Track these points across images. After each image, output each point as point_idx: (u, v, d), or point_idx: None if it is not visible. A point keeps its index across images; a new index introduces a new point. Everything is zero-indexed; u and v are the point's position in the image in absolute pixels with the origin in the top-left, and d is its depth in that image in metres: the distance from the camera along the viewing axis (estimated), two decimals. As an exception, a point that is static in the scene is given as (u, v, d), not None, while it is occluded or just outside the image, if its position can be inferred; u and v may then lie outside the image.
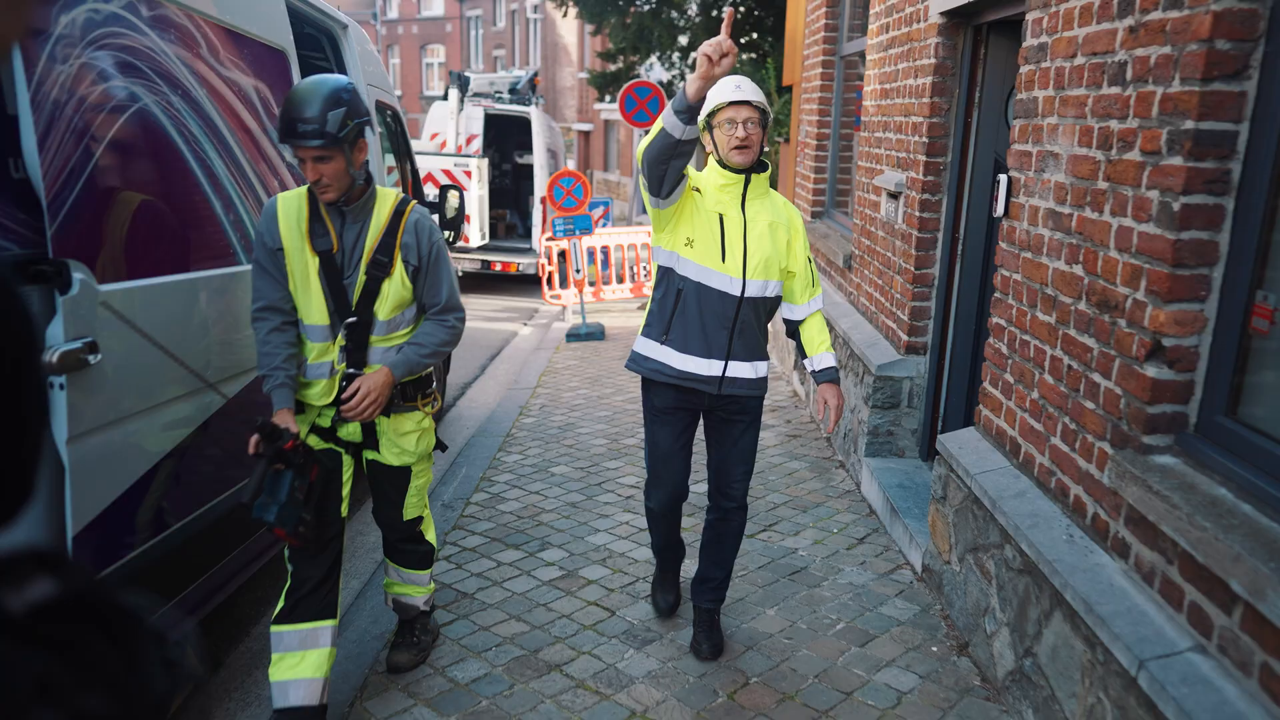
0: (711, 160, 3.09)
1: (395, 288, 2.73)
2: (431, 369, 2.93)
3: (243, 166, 3.01)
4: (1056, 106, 3.06)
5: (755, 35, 16.08)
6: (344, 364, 2.74)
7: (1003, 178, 3.51)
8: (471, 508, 4.84)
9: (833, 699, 3.08)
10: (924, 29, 4.60)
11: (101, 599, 0.65)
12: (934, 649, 3.40)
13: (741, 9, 16.23)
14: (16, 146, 2.07)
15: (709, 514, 3.38)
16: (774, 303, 3.18)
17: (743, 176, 3.04)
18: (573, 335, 9.55)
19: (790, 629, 3.54)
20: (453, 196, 6.11)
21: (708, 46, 2.47)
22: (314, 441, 2.82)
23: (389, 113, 5.57)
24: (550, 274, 10.98)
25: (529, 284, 13.74)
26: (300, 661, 2.75)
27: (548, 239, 10.70)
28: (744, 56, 16.00)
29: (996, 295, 3.54)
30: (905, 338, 4.84)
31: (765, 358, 3.20)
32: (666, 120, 2.66)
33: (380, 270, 2.70)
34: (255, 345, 2.70)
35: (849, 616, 3.64)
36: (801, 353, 3.29)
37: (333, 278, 2.68)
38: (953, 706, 3.04)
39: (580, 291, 10.18)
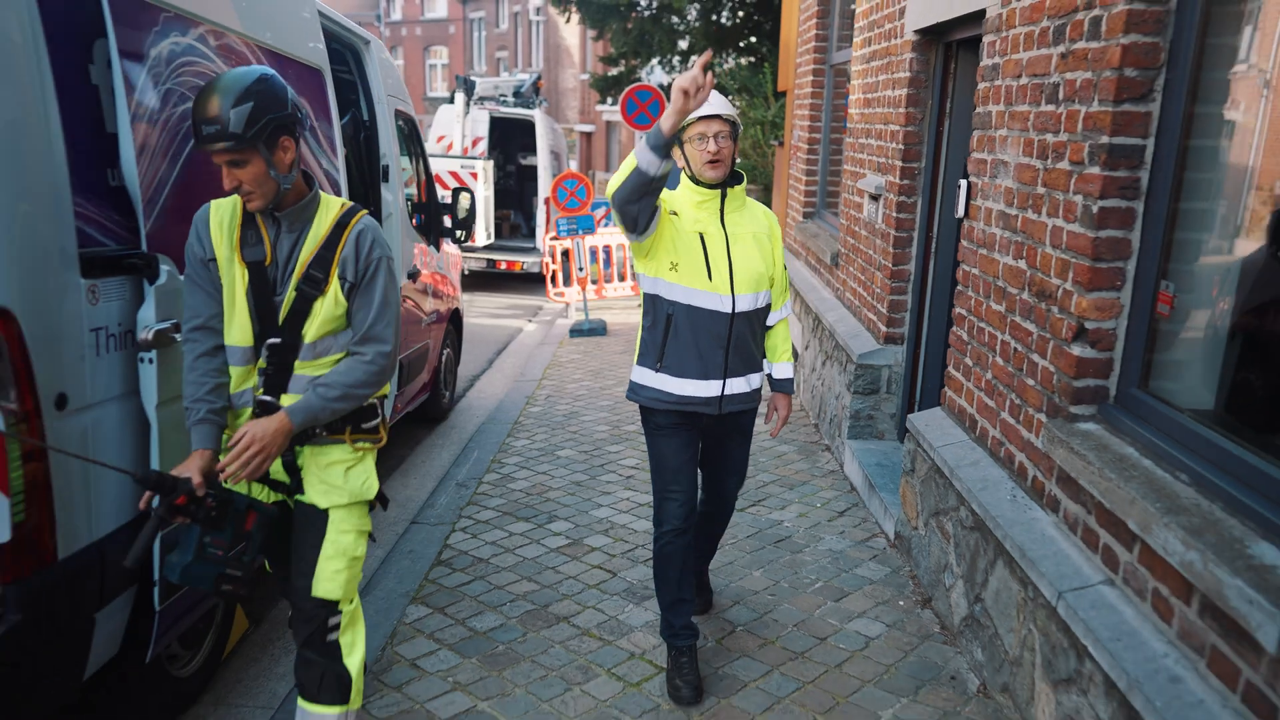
0: (684, 178, 3.08)
1: (328, 306, 2.38)
2: (374, 401, 2.55)
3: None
4: (1006, 120, 3.46)
5: (754, 39, 16.49)
6: (261, 389, 2.42)
7: (963, 182, 3.92)
8: (484, 486, 5.24)
9: (809, 644, 3.49)
10: (900, 44, 5.00)
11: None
12: (900, 603, 3.81)
13: (740, 13, 16.64)
14: (115, 159, 2.48)
15: (700, 506, 3.42)
16: (766, 311, 3.21)
17: (718, 191, 3.03)
18: (576, 331, 9.96)
19: (773, 587, 3.94)
20: (464, 198, 6.54)
21: (684, 81, 2.48)
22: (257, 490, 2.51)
23: (404, 120, 5.98)
24: (554, 272, 11.40)
25: (533, 282, 14.16)
26: None
27: (552, 238, 11.11)
28: (742, 61, 16.41)
29: (959, 288, 3.94)
30: (884, 329, 5.24)
31: (761, 368, 3.24)
32: (641, 157, 2.63)
33: (313, 286, 2.36)
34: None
35: (826, 577, 4.05)
36: (764, 357, 3.32)
37: (261, 293, 2.37)
38: (914, 649, 3.45)
39: (583, 289, 10.59)
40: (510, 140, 15.55)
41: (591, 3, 16.33)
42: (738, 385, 3.12)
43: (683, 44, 16.66)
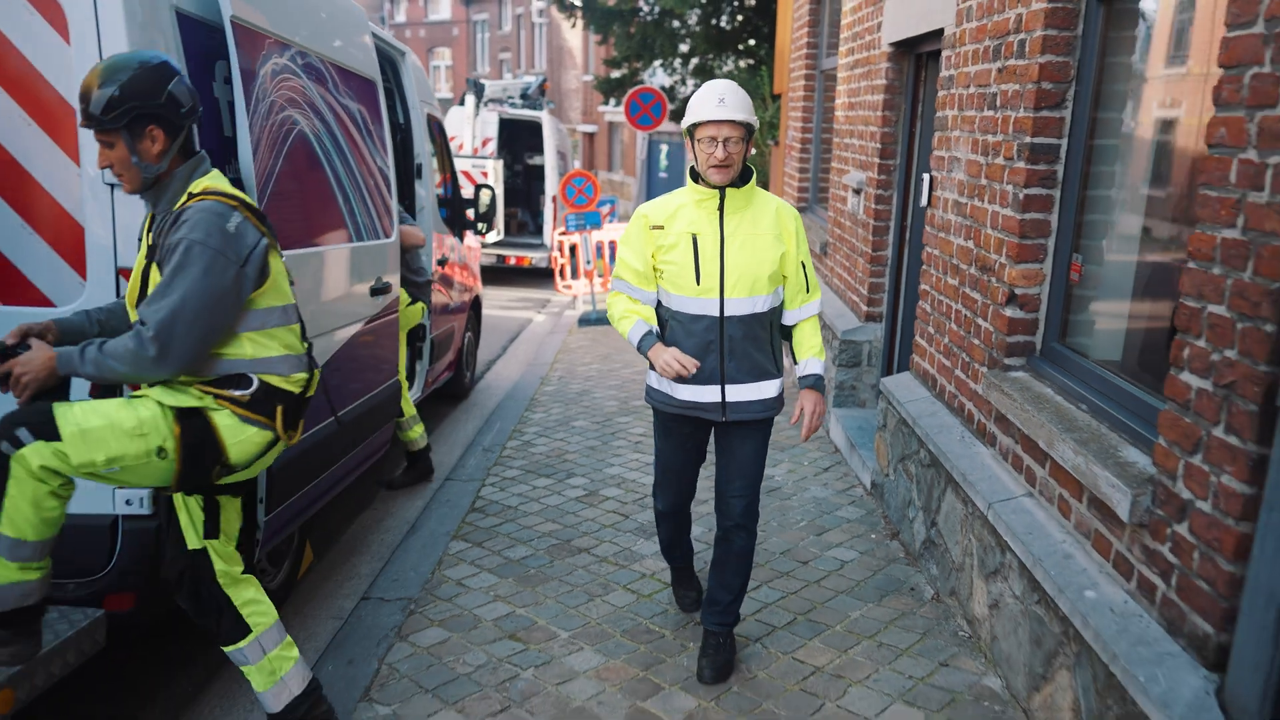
0: (690, 172, 3.06)
1: (156, 284, 2.42)
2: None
3: (353, 168, 4.04)
4: (959, 123, 4.09)
5: (752, 42, 17.10)
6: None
7: (926, 176, 4.55)
8: (507, 450, 5.88)
9: (793, 566, 4.12)
10: (878, 55, 5.63)
11: None
12: (873, 536, 4.44)
13: (740, 18, 17.25)
14: (232, 157, 3.11)
15: (716, 530, 3.30)
16: (770, 315, 3.09)
17: (718, 191, 2.97)
18: (584, 320, 10.59)
19: (764, 525, 4.57)
20: (484, 194, 7.18)
21: (678, 365, 2.90)
22: None
23: (435, 124, 6.61)
24: (562, 266, 12.04)
25: (540, 276, 14.79)
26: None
27: (561, 233, 11.75)
28: (740, 63, 17.03)
29: (924, 267, 4.57)
30: (865, 309, 5.88)
31: (774, 375, 3.12)
32: (631, 339, 3.06)
33: (149, 261, 2.46)
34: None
35: (810, 517, 4.68)
36: (793, 355, 3.26)
37: (145, 270, 2.48)
38: (881, 569, 4.08)
39: (590, 281, 11.22)
40: (517, 140, 16.18)
41: (596, 8, 16.95)
42: (742, 393, 3.06)
43: (683, 47, 17.26)
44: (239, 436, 2.51)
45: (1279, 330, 2.00)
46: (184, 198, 2.44)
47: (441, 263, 6.27)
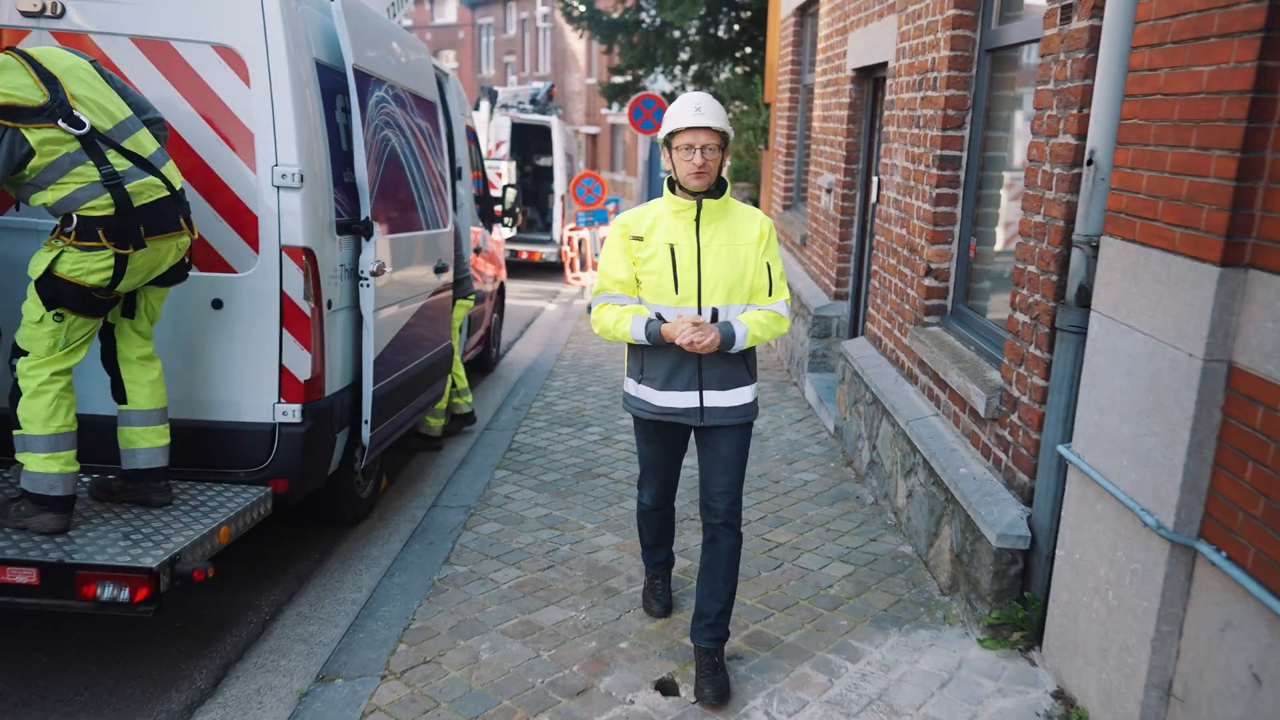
0: (666, 183, 3.08)
1: None
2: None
3: (425, 173, 5.17)
4: (896, 137, 5.22)
5: (749, 50, 18.23)
6: None
7: (875, 178, 5.68)
8: (534, 409, 7.01)
9: (766, 484, 5.25)
10: (843, 77, 6.76)
11: None
12: (832, 464, 5.58)
13: (736, 27, 18.38)
14: (349, 166, 4.24)
15: (703, 535, 3.28)
16: None
17: (695, 202, 3.00)
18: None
19: (746, 458, 5.70)
20: (510, 193, 8.32)
21: (694, 334, 2.89)
22: None
23: (470, 132, 7.75)
24: (572, 260, 13.17)
25: (550, 270, 15.93)
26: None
27: (571, 229, 12.88)
28: (737, 70, 18.16)
29: (875, 253, 5.70)
30: (834, 289, 7.01)
31: (748, 382, 3.15)
32: (635, 335, 3.04)
33: None
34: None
35: (783, 453, 5.82)
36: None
37: None
38: (835, 486, 5.22)
39: (598, 272, 12.35)
40: (527, 143, 17.31)
41: (601, 21, 18.10)
42: (718, 399, 3.11)
43: (683, 55, 18.40)
44: (84, 265, 3.12)
45: (1060, 279, 3.13)
46: None
47: (476, 251, 7.40)
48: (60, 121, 3.06)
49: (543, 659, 3.39)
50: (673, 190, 3.07)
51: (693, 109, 2.94)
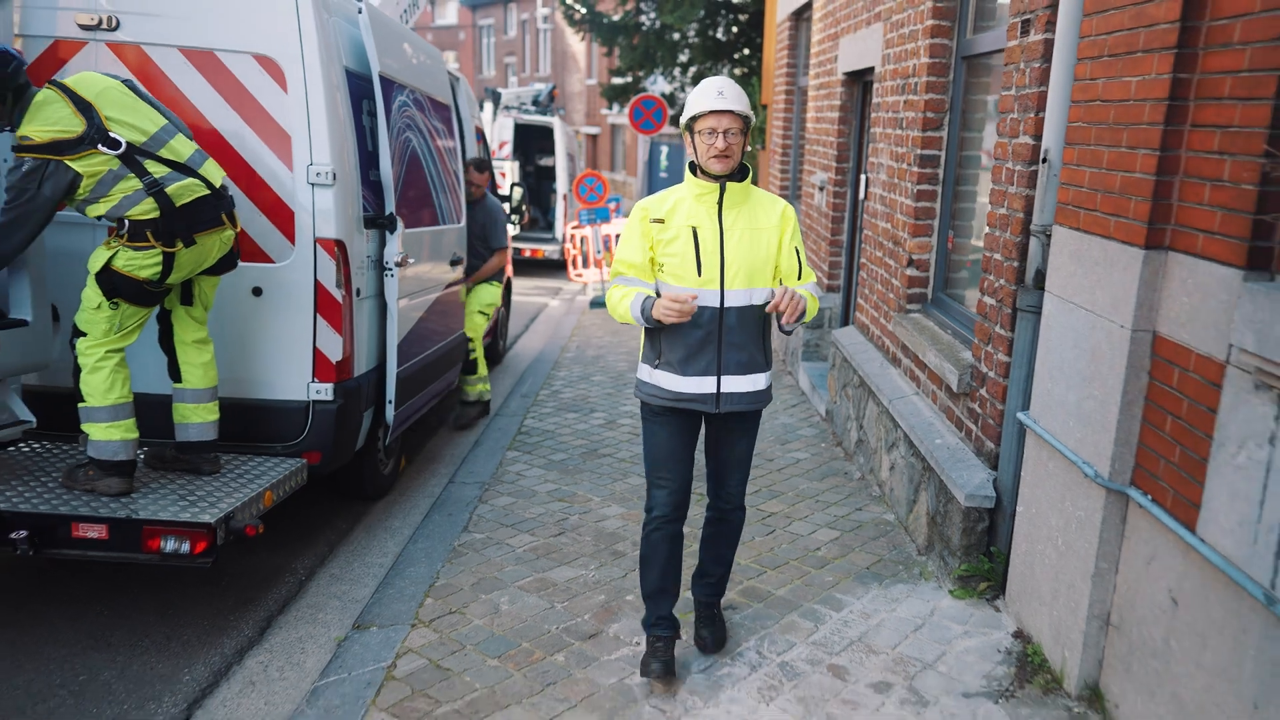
0: (689, 167, 3.08)
1: None
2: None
3: (441, 171, 5.53)
4: (882, 137, 5.58)
5: (747, 52, 18.59)
6: None
7: (864, 176, 6.04)
8: (541, 396, 7.37)
9: (761, 462, 5.61)
10: (835, 81, 7.12)
11: None
12: (822, 445, 5.95)
13: (735, 29, 18.74)
14: (374, 165, 4.60)
15: (707, 512, 3.36)
16: (763, 308, 3.08)
17: (718, 185, 3.00)
18: (595, 303, 12.08)
19: (742, 440, 6.06)
20: (517, 191, 8.69)
21: (678, 305, 2.84)
22: None
23: (479, 133, 8.11)
24: (574, 257, 13.54)
25: (552, 267, 16.30)
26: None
27: (573, 227, 13.25)
28: (735, 71, 18.51)
29: (863, 245, 6.06)
30: (827, 282, 7.37)
31: (764, 368, 3.14)
32: (634, 315, 3.02)
33: None
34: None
35: (778, 435, 6.18)
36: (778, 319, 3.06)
37: None
38: (826, 463, 5.58)
39: (600, 269, 12.71)
40: (530, 143, 17.68)
41: (602, 24, 18.47)
42: (736, 384, 3.08)
43: (683, 57, 18.76)
44: (136, 261, 3.52)
45: (1020, 264, 3.50)
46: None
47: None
48: (99, 145, 3.43)
49: (557, 609, 3.76)
50: (694, 174, 3.06)
51: (715, 93, 2.93)
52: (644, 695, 3.15)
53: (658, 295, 3.05)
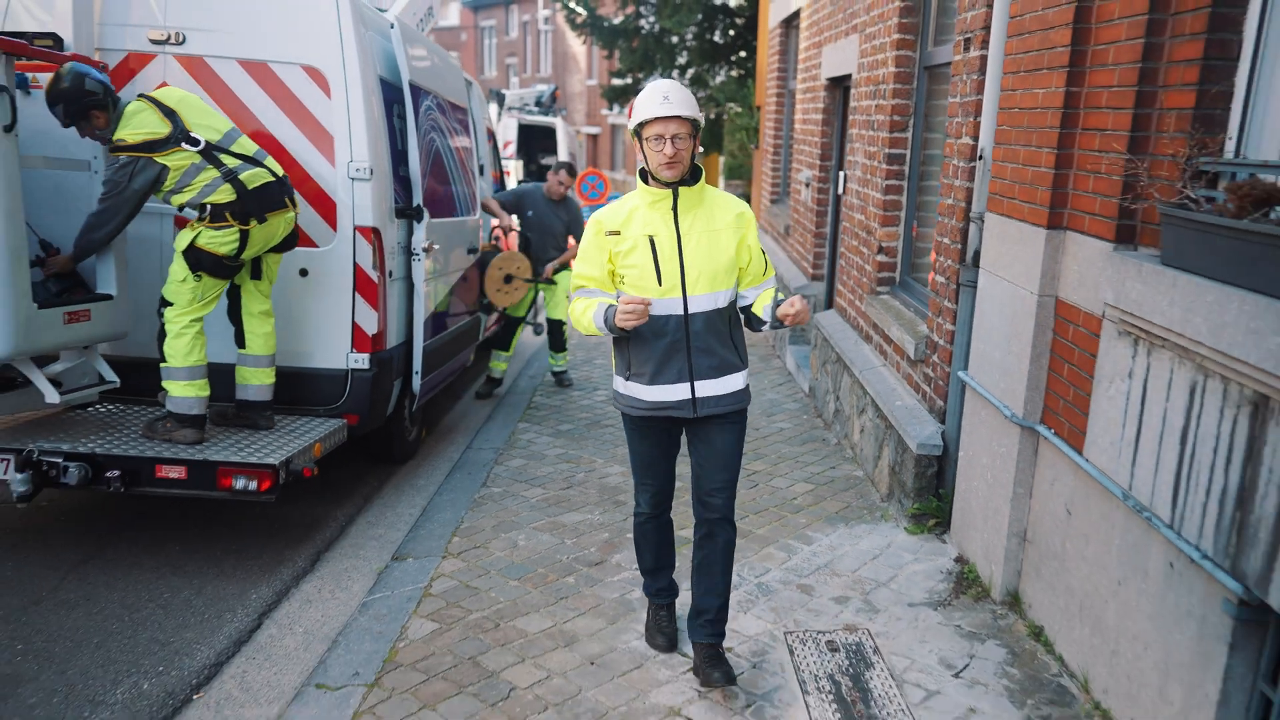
0: (640, 174, 2.99)
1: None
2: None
3: (459, 167, 6.14)
4: (858, 138, 6.18)
5: (743, 54, 19.20)
6: None
7: (842, 173, 6.64)
8: (548, 377, 7.97)
9: (748, 430, 6.21)
10: (819, 85, 7.73)
11: None
12: (804, 417, 6.55)
13: (731, 32, 19.35)
14: (403, 162, 5.20)
15: (695, 532, 3.24)
16: (730, 309, 3.07)
17: (670, 191, 2.94)
18: (596, 295, 12.69)
19: (732, 413, 6.67)
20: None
21: (632, 308, 2.78)
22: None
23: (489, 133, 8.72)
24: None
25: (556, 263, 16.89)
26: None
27: (576, 223, 13.87)
28: (732, 73, 19.13)
29: (842, 236, 6.66)
30: (811, 271, 7.98)
31: (739, 367, 3.09)
32: (598, 325, 2.97)
33: None
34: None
35: (764, 409, 6.79)
36: (759, 321, 3.14)
37: None
38: (806, 431, 6.19)
39: (601, 262, 13.32)
40: (533, 143, 18.29)
41: (602, 27, 19.09)
42: (711, 388, 3.03)
43: (681, 59, 19.37)
44: (216, 239, 4.12)
45: (962, 246, 4.10)
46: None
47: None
48: (183, 144, 4.05)
49: (566, 544, 4.36)
50: (645, 181, 2.99)
51: (660, 98, 2.84)
52: (641, 606, 3.76)
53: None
